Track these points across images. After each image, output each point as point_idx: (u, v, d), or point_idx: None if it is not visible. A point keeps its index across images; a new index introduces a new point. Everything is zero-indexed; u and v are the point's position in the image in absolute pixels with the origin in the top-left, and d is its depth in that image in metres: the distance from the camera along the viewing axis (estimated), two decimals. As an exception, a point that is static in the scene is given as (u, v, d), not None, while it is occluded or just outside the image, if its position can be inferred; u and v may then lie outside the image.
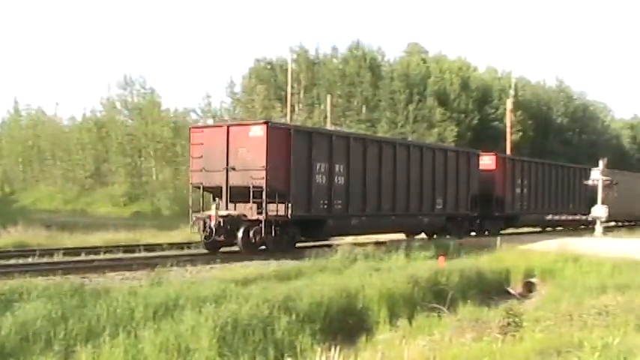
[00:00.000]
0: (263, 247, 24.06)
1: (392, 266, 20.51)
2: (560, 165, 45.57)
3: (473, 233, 36.98)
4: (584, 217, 44.81)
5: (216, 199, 25.24)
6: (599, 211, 41.92)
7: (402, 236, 33.35)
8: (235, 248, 24.32)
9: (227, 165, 24.35)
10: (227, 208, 24.37)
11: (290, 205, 24.33)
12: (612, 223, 48.68)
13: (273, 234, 23.77)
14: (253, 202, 23.48)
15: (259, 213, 23.56)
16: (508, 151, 55.49)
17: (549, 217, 43.81)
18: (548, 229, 45.09)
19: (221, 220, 23.45)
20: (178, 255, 23.31)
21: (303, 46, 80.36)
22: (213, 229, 23.53)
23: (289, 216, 24.36)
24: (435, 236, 33.33)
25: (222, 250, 24.75)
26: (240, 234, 23.51)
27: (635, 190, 54.06)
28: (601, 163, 42.52)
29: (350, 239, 28.54)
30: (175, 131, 63.86)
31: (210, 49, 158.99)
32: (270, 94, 72.67)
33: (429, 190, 32.12)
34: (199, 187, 25.56)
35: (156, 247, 26.30)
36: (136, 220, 43.56)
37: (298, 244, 25.87)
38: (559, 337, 11.76)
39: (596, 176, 42.81)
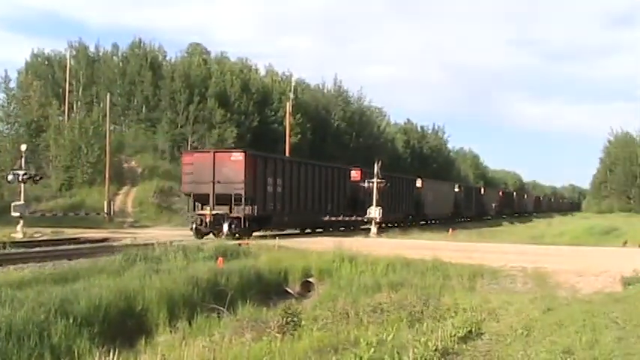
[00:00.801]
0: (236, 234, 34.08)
1: (172, 267, 20.34)
2: (395, 176, 54.96)
3: (342, 229, 46.19)
4: (359, 218, 46.55)
5: (197, 203, 36.07)
6: (374, 212, 43.42)
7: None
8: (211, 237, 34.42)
9: (213, 179, 34.96)
10: (214, 210, 34.78)
11: (256, 206, 35.72)
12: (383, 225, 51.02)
13: (246, 226, 35.03)
14: (234, 205, 34.65)
15: (232, 212, 34.78)
16: (287, 153, 56.78)
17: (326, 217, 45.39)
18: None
19: (213, 217, 34.61)
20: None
21: (83, 42, 78.20)
22: (208, 223, 34.66)
23: (255, 214, 35.73)
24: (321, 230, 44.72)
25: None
26: (226, 226, 34.38)
27: (443, 195, 74.90)
28: (376, 166, 43.98)
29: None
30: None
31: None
32: (47, 91, 69.93)
33: (325, 197, 44.82)
34: (190, 195, 36.55)
35: None
36: None
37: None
38: (336, 334, 12.10)
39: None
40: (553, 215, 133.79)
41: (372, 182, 43.81)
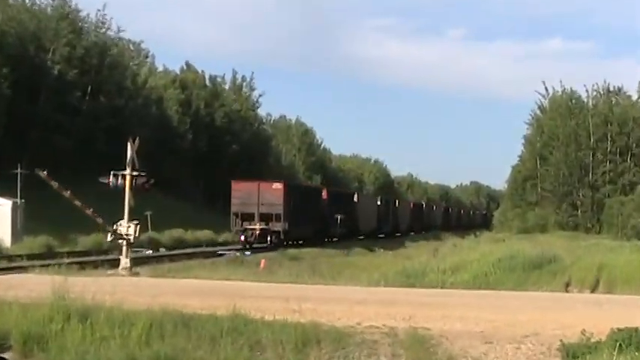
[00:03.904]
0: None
1: None
2: (348, 193, 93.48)
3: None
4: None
5: (240, 220, 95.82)
6: (125, 228, 41.63)
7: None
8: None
9: (258, 202, 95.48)
10: (259, 225, 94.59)
11: (288, 222, 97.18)
12: (150, 252, 52.31)
13: (283, 237, 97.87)
14: (275, 221, 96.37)
15: (271, 226, 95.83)
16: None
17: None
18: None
19: (260, 230, 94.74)
20: None
21: None
22: (256, 236, 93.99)
23: (287, 228, 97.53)
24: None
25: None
26: (269, 237, 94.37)
27: (371, 209, 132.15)
28: (129, 148, 42.29)
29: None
30: None
31: None
32: None
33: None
34: (237, 214, 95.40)
35: None
36: None
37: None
38: None
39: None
40: (443, 237, 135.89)
41: (123, 176, 42.48)
